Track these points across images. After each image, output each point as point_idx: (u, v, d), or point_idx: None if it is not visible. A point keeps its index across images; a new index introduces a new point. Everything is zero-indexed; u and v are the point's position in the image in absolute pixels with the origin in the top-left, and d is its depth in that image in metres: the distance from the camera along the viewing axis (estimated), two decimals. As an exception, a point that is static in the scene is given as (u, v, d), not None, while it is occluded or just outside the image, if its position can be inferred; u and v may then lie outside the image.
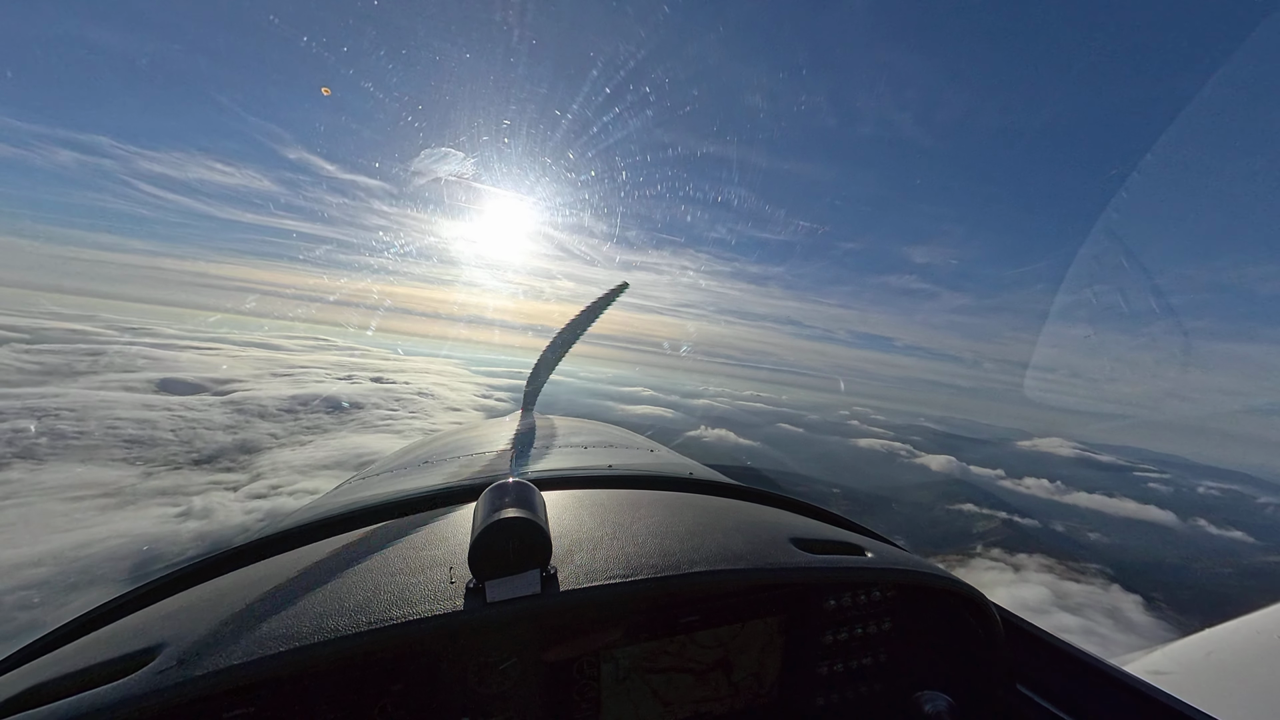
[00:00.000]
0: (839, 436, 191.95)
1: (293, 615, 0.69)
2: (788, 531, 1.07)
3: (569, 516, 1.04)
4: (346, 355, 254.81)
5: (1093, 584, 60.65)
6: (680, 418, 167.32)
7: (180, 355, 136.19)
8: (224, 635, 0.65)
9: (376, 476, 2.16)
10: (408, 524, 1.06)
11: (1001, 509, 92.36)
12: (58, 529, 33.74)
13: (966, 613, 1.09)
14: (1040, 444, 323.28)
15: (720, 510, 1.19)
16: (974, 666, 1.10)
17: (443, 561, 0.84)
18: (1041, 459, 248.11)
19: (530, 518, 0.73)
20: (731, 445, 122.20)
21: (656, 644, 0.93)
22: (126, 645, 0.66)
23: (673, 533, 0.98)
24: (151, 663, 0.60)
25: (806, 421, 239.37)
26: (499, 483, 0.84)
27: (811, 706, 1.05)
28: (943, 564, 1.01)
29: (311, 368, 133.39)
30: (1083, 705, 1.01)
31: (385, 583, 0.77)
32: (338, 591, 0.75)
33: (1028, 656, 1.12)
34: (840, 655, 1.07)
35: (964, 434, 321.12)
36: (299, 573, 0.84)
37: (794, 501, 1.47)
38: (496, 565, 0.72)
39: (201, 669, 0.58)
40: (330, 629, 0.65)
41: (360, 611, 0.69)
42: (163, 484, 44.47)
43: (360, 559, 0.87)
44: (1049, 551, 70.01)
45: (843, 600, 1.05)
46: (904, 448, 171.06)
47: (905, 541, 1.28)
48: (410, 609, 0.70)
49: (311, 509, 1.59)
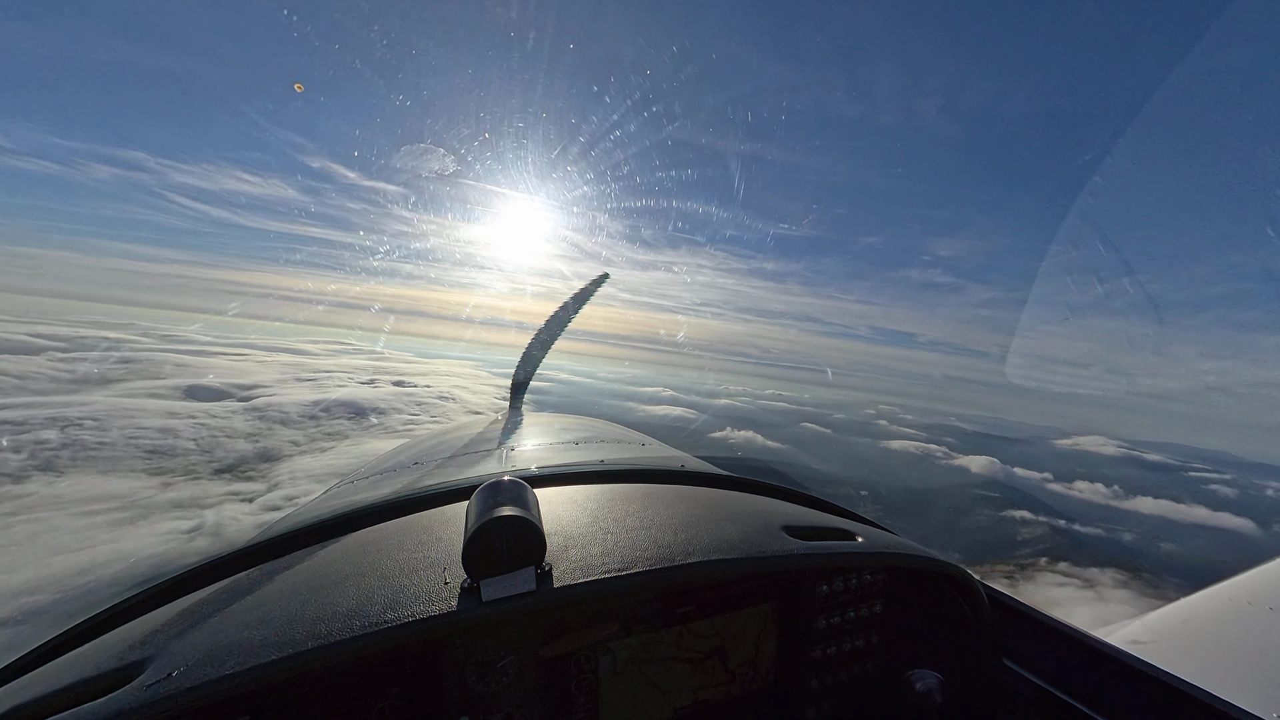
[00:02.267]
0: (868, 437, 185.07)
1: (285, 622, 0.67)
2: (780, 520, 1.09)
3: (562, 512, 1.04)
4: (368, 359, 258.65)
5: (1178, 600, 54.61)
6: (703, 418, 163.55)
7: (210, 361, 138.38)
8: (215, 645, 0.63)
9: (365, 480, 2.13)
10: (399, 526, 1.06)
11: (1058, 516, 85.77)
12: (64, 549, 32.21)
13: (955, 592, 1.12)
14: (1081, 442, 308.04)
15: (713, 501, 1.19)
16: (962, 644, 1.14)
17: (436, 562, 0.83)
18: (1085, 459, 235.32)
19: (523, 515, 0.72)
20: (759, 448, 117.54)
21: (653, 635, 0.93)
22: (113, 659, 0.64)
23: (666, 525, 0.99)
24: (140, 676, 0.59)
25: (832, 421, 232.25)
26: (491, 481, 0.83)
27: (806, 689, 1.08)
28: (999, 577, 1.07)
29: (335, 372, 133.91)
30: (1066, 676, 1.06)
31: (378, 586, 0.76)
32: (330, 596, 0.74)
33: (1013, 632, 1.16)
34: (833, 638, 1.09)
35: (997, 433, 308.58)
36: (290, 579, 0.83)
37: (785, 490, 1.49)
38: (491, 564, 0.72)
39: (192, 680, 0.56)
40: (324, 634, 0.64)
41: (354, 616, 0.68)
42: (180, 495, 42.88)
43: (352, 563, 0.87)
44: (1121, 565, 63.94)
45: (835, 585, 1.07)
46: (939, 449, 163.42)
47: (960, 556, 1.24)
48: (405, 611, 0.69)
49: (301, 514, 1.54)
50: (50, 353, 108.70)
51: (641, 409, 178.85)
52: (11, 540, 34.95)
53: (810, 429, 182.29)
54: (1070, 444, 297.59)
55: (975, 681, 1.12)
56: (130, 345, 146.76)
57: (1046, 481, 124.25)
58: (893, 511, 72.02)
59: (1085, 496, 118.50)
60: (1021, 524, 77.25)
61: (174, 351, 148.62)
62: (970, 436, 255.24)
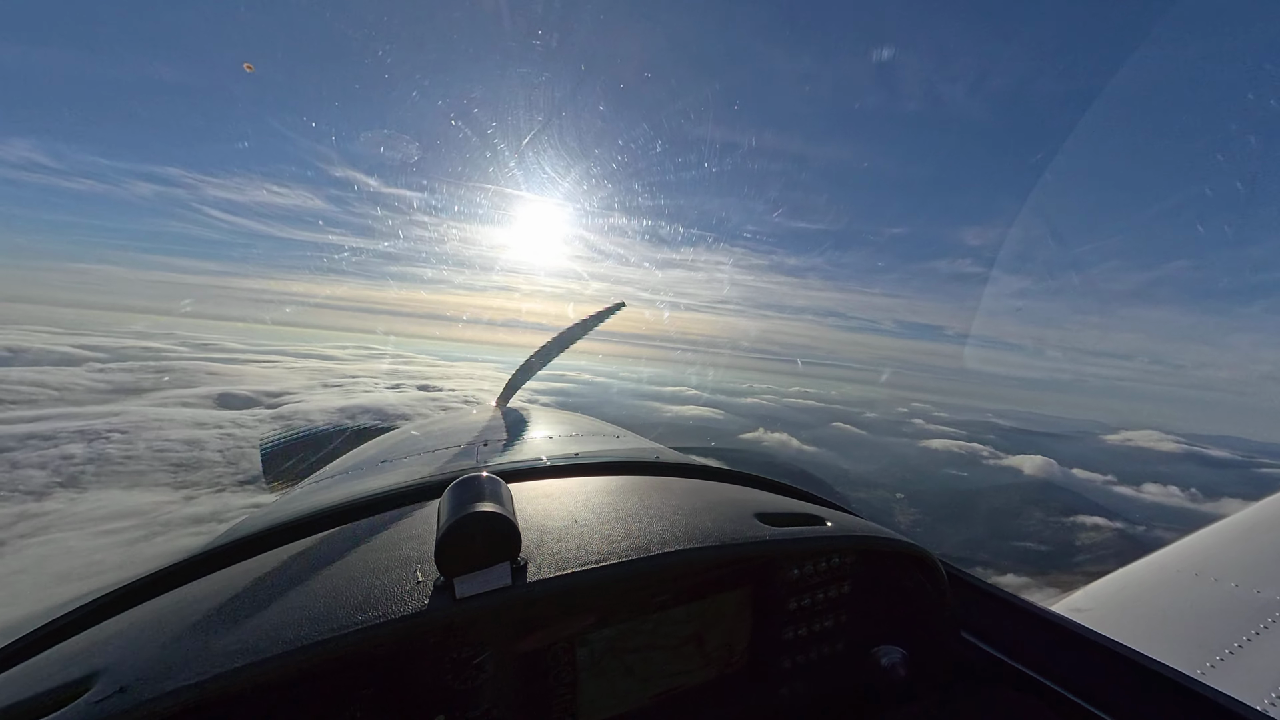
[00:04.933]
0: (905, 437, 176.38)
1: (248, 628, 0.64)
2: (753, 507, 1.12)
3: (538, 507, 1.03)
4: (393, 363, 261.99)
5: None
6: (730, 418, 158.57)
7: (242, 369, 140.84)
8: (171, 656, 0.60)
9: (332, 478, 2.07)
10: (370, 525, 1.04)
11: (1132, 521, 78.09)
12: (71, 575, 30.59)
13: (917, 571, 1.19)
14: (1133, 437, 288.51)
15: (687, 491, 1.22)
16: (924, 619, 1.20)
17: (408, 561, 0.81)
18: (1142, 456, 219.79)
19: (498, 510, 0.71)
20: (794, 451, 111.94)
21: (630, 625, 0.93)
22: (57, 676, 0.60)
23: (642, 516, 1.00)
24: (88, 693, 0.55)
25: (864, 420, 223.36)
26: (464, 477, 0.81)
27: (780, 669, 1.11)
28: (1069, 590, 1.16)
29: (361, 377, 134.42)
30: (1016, 644, 1.14)
31: (347, 587, 0.74)
32: (297, 600, 0.71)
33: (969, 606, 1.25)
34: (804, 619, 1.13)
35: (1040, 429, 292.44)
36: (254, 583, 0.80)
37: (758, 478, 1.54)
38: (464, 560, 0.70)
39: (147, 694, 0.52)
40: (291, 639, 0.61)
41: (322, 619, 0.66)
42: (200, 510, 41.17)
43: (321, 564, 0.84)
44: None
45: (805, 569, 1.11)
46: (984, 448, 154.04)
47: (1025, 566, 1.31)
48: (375, 612, 0.67)
49: (266, 515, 1.50)
50: (90, 363, 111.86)
51: (666, 410, 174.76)
52: (21, 566, 33.69)
53: (843, 429, 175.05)
54: (1121, 440, 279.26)
55: (936, 654, 1.18)
56: (167, 355, 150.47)
57: (1111, 484, 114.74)
58: (938, 518, 66.24)
59: (1157, 499, 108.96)
60: (1089, 530, 70.38)
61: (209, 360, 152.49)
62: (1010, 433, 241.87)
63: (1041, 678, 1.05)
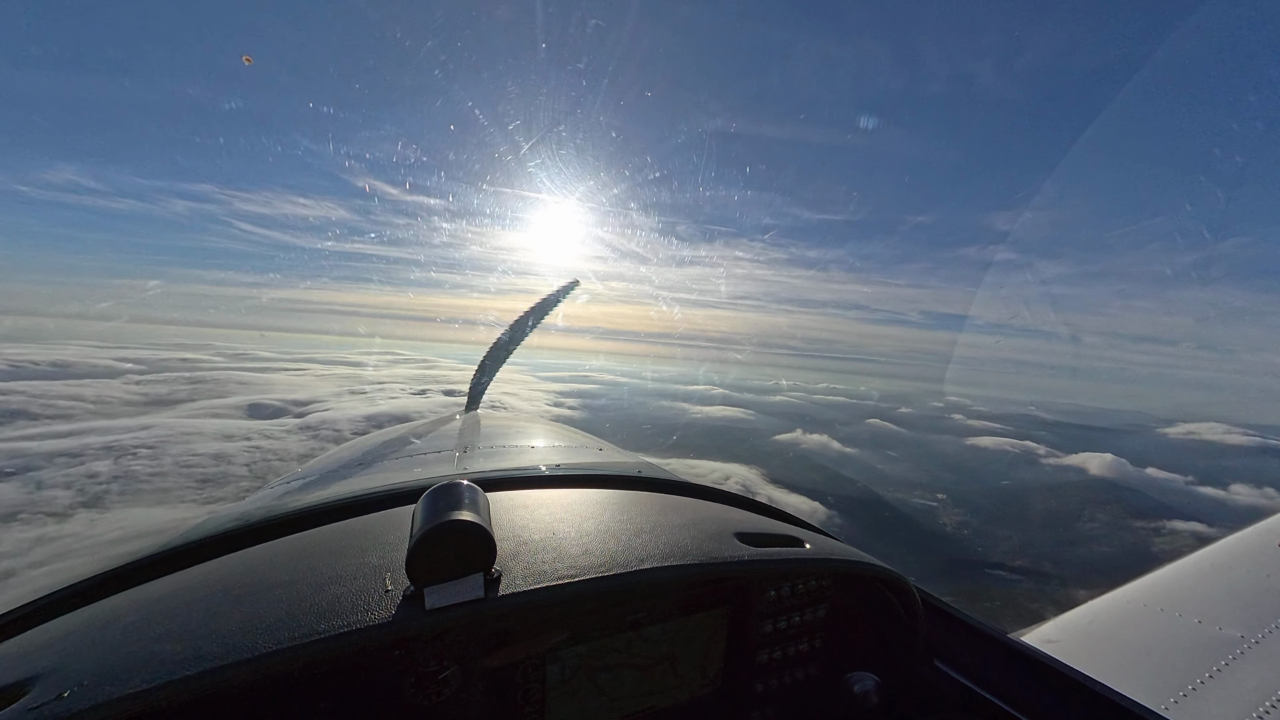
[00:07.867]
0: (948, 434, 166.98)
1: (200, 634, 0.61)
2: (732, 526, 1.10)
3: (515, 518, 1.00)
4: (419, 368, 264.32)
5: None
6: (761, 418, 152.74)
7: (273, 378, 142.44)
8: (119, 660, 0.57)
9: (303, 480, 2.01)
10: (339, 530, 1.00)
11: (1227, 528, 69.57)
12: None
13: (892, 596, 1.17)
14: (1197, 430, 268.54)
15: (667, 507, 1.20)
16: (898, 646, 1.19)
17: (378, 569, 0.78)
18: (1210, 451, 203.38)
19: (473, 520, 0.69)
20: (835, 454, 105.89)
21: (604, 642, 0.92)
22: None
23: (620, 531, 0.98)
24: (22, 698, 0.52)
25: (900, 417, 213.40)
26: (440, 485, 0.78)
27: (752, 693, 1.11)
28: None
29: (387, 383, 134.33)
30: (986, 674, 1.14)
31: (311, 594, 0.70)
32: (257, 605, 0.68)
33: (943, 634, 1.24)
34: (779, 642, 1.12)
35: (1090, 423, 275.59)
36: (212, 587, 0.76)
37: (739, 497, 1.55)
38: (436, 570, 0.67)
39: (88, 700, 0.49)
40: (244, 647, 0.58)
41: (282, 626, 0.62)
42: (223, 532, 38.84)
43: (283, 569, 0.80)
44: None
45: (782, 590, 1.10)
46: (1039, 446, 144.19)
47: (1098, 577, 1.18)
48: (339, 620, 0.64)
49: (230, 515, 1.43)
50: (128, 375, 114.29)
51: (694, 410, 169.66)
52: (26, 593, 31.90)
53: (880, 426, 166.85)
54: (1184, 433, 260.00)
55: (908, 683, 1.17)
56: (201, 365, 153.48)
57: (1192, 484, 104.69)
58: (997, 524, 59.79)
59: (1254, 501, 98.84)
60: (1179, 537, 62.83)
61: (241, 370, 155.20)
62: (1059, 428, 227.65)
63: (1011, 709, 1.04)
